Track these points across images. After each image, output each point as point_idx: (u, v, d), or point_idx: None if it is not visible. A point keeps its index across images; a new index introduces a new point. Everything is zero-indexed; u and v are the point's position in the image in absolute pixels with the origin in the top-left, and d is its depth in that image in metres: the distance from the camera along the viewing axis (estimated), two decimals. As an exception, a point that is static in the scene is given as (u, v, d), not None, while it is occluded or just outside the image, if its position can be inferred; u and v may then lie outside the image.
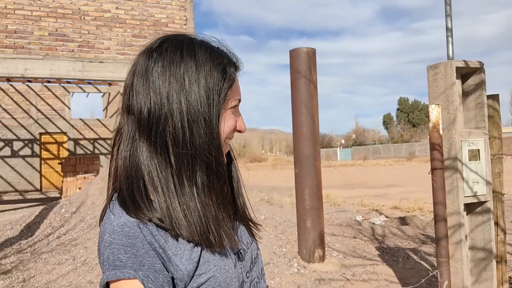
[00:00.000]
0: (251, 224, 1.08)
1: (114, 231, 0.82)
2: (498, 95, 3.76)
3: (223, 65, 0.95)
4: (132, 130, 0.90)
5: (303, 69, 5.69)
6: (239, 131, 1.01)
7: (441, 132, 3.42)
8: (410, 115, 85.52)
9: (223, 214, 0.94)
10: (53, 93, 22.34)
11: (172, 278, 0.85)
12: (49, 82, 17.66)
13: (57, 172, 21.34)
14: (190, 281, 0.87)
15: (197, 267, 0.87)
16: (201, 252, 0.89)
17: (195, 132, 0.88)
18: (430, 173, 3.46)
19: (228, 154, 1.05)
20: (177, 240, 0.86)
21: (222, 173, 0.94)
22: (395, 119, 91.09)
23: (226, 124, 0.95)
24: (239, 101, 0.99)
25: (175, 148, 0.88)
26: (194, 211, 0.87)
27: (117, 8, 10.10)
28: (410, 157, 51.69)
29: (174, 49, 0.93)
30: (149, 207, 0.85)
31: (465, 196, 3.46)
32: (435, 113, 3.41)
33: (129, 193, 0.86)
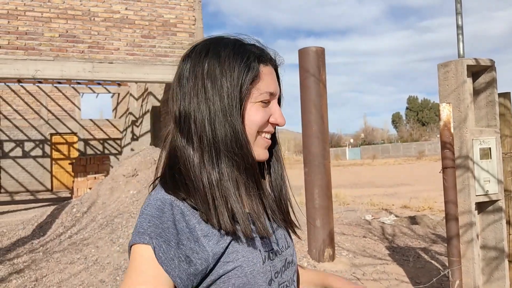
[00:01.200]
0: (291, 228, 1.11)
1: (149, 204, 0.91)
2: (509, 93, 3.73)
3: (246, 59, 0.98)
4: (172, 128, 1.00)
5: (312, 68, 5.69)
6: (276, 125, 1.04)
7: (452, 130, 3.40)
8: (420, 114, 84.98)
9: (254, 208, 0.98)
10: (63, 94, 22.54)
11: (191, 260, 0.88)
12: (59, 83, 17.81)
13: (67, 172, 21.52)
14: (216, 265, 0.91)
15: (223, 253, 0.91)
16: (231, 241, 0.93)
17: (216, 128, 0.94)
18: (441, 172, 3.45)
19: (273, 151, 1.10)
20: (207, 223, 0.91)
21: (250, 167, 0.98)
22: (404, 118, 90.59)
23: (254, 117, 0.99)
24: (271, 94, 1.01)
25: (201, 144, 0.95)
26: (221, 201, 0.93)
27: (126, 9, 10.16)
28: (419, 156, 51.38)
29: (200, 50, 1.00)
30: (186, 189, 0.92)
31: (476, 195, 3.44)
32: (446, 111, 3.39)
33: (170, 176, 0.95)
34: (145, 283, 0.83)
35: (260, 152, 1.02)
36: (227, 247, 0.92)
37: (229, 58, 0.97)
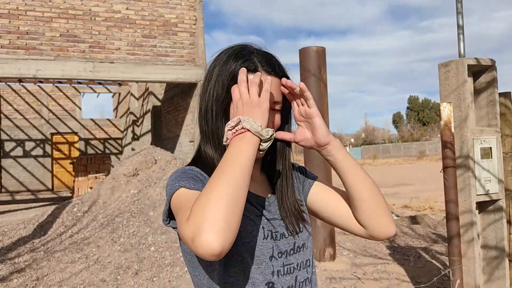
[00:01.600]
0: (300, 216, 1.21)
1: (177, 171, 1.14)
2: (510, 92, 3.74)
3: (232, 66, 1.13)
4: None
5: (312, 68, 5.69)
6: None
7: (453, 130, 3.41)
8: (421, 114, 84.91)
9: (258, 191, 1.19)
10: (64, 94, 22.55)
11: None
12: (60, 82, 17.83)
13: (68, 171, 21.54)
14: None
15: None
16: None
17: (208, 121, 1.16)
18: (442, 171, 3.45)
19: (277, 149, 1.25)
20: None
21: None
22: (405, 117, 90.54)
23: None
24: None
25: (202, 134, 1.20)
26: None
27: (127, 8, 10.17)
28: (420, 156, 51.36)
29: (214, 57, 1.20)
30: (202, 166, 1.15)
31: (477, 195, 3.44)
32: (446, 111, 3.40)
33: (193, 158, 1.24)
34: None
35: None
36: None
37: (222, 64, 1.15)
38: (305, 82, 6.12)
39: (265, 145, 1.04)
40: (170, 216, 1.10)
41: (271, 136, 1.04)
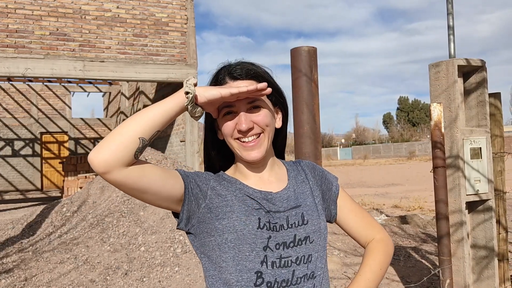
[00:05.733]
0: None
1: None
2: (499, 93, 3.77)
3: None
4: None
5: (304, 68, 5.68)
6: (239, 131, 1.21)
7: (443, 130, 3.42)
8: (410, 114, 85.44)
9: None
10: (53, 93, 22.36)
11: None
12: (49, 81, 17.68)
13: (58, 171, 21.36)
14: (211, 214, 1.20)
15: (219, 203, 1.21)
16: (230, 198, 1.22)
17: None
18: (432, 171, 3.46)
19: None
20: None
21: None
22: (395, 118, 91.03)
23: (222, 129, 1.24)
24: (228, 106, 1.20)
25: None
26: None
27: (117, 7, 10.10)
28: (410, 156, 51.68)
29: None
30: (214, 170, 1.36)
31: (467, 194, 3.46)
32: (437, 111, 3.41)
33: None
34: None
35: (244, 154, 1.22)
36: (224, 201, 1.20)
37: None
38: (296, 82, 6.12)
39: (186, 102, 1.10)
40: (175, 215, 1.24)
41: (188, 93, 1.09)
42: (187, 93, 1.09)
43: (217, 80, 1.25)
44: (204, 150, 1.35)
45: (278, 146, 1.38)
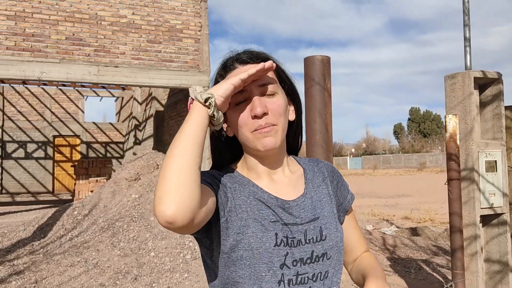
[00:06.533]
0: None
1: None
2: (516, 106, 3.73)
3: (214, 79, 1.21)
4: None
5: (317, 77, 5.68)
6: (255, 116, 1.11)
7: (458, 142, 3.40)
8: (422, 125, 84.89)
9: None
10: (67, 97, 22.60)
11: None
12: (64, 85, 17.87)
13: (69, 174, 21.53)
14: (229, 230, 1.10)
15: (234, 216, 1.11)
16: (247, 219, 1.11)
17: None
18: (447, 183, 3.43)
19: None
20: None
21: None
22: (406, 129, 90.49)
23: (234, 121, 1.14)
24: (240, 92, 1.11)
25: None
26: None
27: (133, 13, 10.21)
28: (420, 167, 51.28)
29: None
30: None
31: (481, 208, 3.43)
32: (452, 123, 3.39)
33: None
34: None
35: (262, 142, 1.12)
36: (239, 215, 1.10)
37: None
38: (309, 91, 6.12)
39: (211, 111, 1.01)
40: None
41: (208, 99, 1.00)
42: (206, 99, 1.00)
43: (226, 67, 1.17)
44: (213, 147, 1.24)
45: (291, 142, 1.27)
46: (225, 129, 1.20)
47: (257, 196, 1.14)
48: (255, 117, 1.10)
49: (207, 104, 1.01)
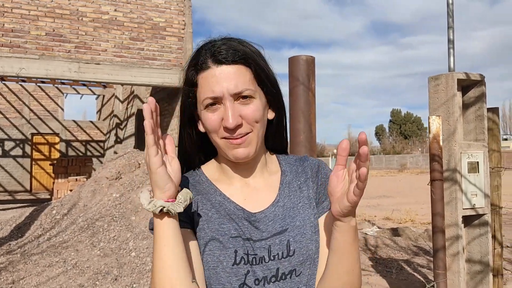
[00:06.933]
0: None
1: None
2: (497, 108, 3.78)
3: (185, 71, 1.06)
4: None
5: (301, 77, 5.69)
6: (225, 127, 0.99)
7: (441, 143, 3.42)
8: (403, 127, 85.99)
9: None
10: (46, 94, 22.21)
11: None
12: (43, 82, 17.56)
13: (47, 173, 21.17)
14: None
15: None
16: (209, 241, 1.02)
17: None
18: (429, 184, 3.45)
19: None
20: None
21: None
22: (387, 130, 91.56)
23: (205, 126, 1.04)
24: (215, 98, 0.99)
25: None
26: None
27: (115, 10, 10.07)
28: (401, 168, 51.87)
29: None
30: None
31: (463, 208, 3.45)
32: (435, 124, 3.41)
33: None
34: None
35: (232, 153, 1.02)
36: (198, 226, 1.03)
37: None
38: (294, 91, 6.12)
39: (173, 211, 0.91)
40: None
41: (160, 207, 0.90)
42: (168, 211, 0.91)
43: (197, 63, 1.02)
44: (180, 147, 1.12)
45: (271, 141, 1.14)
46: (198, 126, 1.09)
47: (222, 208, 1.04)
48: (226, 129, 0.99)
49: (171, 215, 0.92)
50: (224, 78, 0.99)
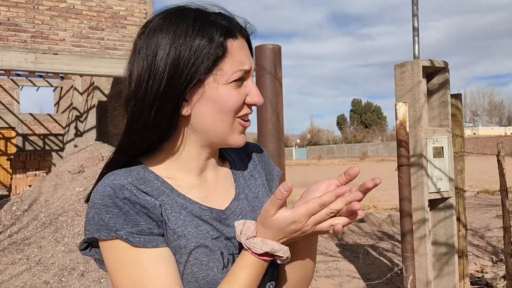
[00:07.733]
0: None
1: (103, 196, 0.86)
2: (460, 94, 3.89)
3: (208, 35, 0.86)
4: None
5: (268, 66, 5.68)
6: (254, 105, 0.91)
7: (407, 129, 3.49)
8: (363, 116, 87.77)
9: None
10: (1, 86, 21.30)
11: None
12: (-3, 74, 16.82)
13: (4, 168, 20.38)
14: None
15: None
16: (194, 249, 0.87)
17: (157, 111, 0.87)
18: (397, 169, 3.53)
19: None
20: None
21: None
22: (348, 120, 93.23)
23: (227, 102, 0.87)
24: (246, 72, 0.89)
25: (142, 124, 0.90)
26: None
27: (73, -2, 9.73)
28: (363, 157, 53.00)
29: (155, 28, 0.89)
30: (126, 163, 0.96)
31: (429, 192, 3.55)
32: (402, 110, 3.48)
33: None
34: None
35: (236, 138, 0.92)
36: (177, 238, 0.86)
37: (186, 35, 0.85)
38: (261, 80, 6.11)
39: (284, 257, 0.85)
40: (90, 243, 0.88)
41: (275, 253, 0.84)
42: (279, 257, 0.84)
43: (231, 28, 0.89)
44: (131, 135, 0.89)
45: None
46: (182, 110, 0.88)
47: (188, 210, 0.89)
48: (250, 106, 0.90)
49: (281, 260, 0.85)
50: (249, 53, 0.92)
